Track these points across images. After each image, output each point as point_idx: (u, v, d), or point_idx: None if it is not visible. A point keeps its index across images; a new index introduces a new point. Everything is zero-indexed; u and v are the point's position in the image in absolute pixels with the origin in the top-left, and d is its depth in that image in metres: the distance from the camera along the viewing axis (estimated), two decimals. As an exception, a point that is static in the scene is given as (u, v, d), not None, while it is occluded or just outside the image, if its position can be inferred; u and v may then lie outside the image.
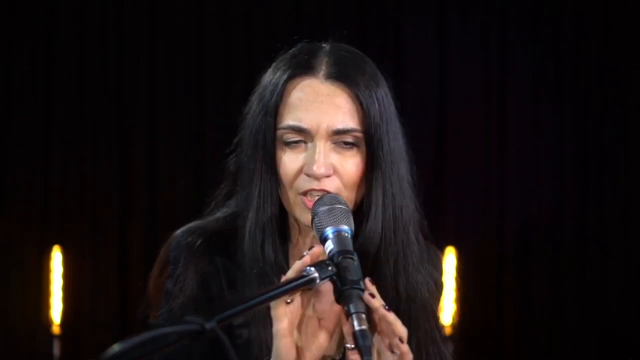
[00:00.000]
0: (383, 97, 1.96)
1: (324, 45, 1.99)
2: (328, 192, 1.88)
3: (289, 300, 1.73)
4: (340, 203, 1.82)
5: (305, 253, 1.73)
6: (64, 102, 5.46)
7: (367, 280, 1.71)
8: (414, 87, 5.54)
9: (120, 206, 5.49)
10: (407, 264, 1.96)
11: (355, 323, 1.61)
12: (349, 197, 1.90)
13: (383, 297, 1.73)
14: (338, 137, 1.89)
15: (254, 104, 1.97)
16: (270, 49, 2.02)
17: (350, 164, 1.90)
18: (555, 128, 5.55)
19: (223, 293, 1.91)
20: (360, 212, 1.92)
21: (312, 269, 1.68)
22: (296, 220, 1.93)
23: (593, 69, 5.58)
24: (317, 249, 1.74)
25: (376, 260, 1.92)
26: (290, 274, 1.72)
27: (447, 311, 5.42)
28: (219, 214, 2.03)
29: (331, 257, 1.71)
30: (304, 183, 1.88)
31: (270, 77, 1.95)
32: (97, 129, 5.47)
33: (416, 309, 1.96)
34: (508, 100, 5.58)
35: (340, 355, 1.96)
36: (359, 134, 1.90)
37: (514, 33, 5.59)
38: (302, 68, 1.92)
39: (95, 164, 5.47)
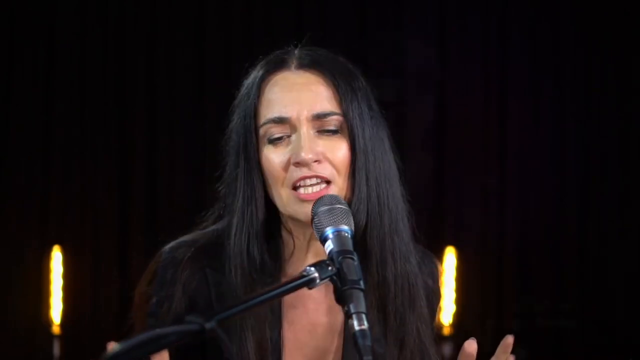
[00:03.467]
0: (359, 85, 1.97)
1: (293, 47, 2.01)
2: (322, 178, 1.88)
3: None
4: (340, 203, 1.82)
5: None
6: (64, 102, 5.47)
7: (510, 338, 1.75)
8: (413, 87, 5.56)
9: (121, 206, 5.49)
10: (394, 250, 1.95)
11: (356, 323, 1.61)
12: (342, 185, 1.90)
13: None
14: (320, 124, 1.89)
15: (234, 115, 1.99)
16: (270, 49, 2.03)
17: (338, 148, 1.90)
18: (556, 128, 5.55)
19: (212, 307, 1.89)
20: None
21: (312, 268, 1.67)
22: (292, 219, 1.92)
23: (593, 68, 5.58)
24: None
25: (362, 245, 1.92)
26: None
27: (447, 311, 5.42)
28: (211, 227, 2.02)
29: (331, 257, 1.71)
30: (294, 173, 1.88)
31: (244, 88, 1.97)
32: (97, 129, 5.47)
33: (403, 300, 1.96)
34: (508, 100, 5.58)
35: None
36: (340, 118, 1.91)
37: (514, 33, 5.60)
38: (274, 64, 1.94)
39: (96, 164, 5.48)
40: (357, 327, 1.60)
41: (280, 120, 1.89)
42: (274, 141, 1.90)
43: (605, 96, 5.56)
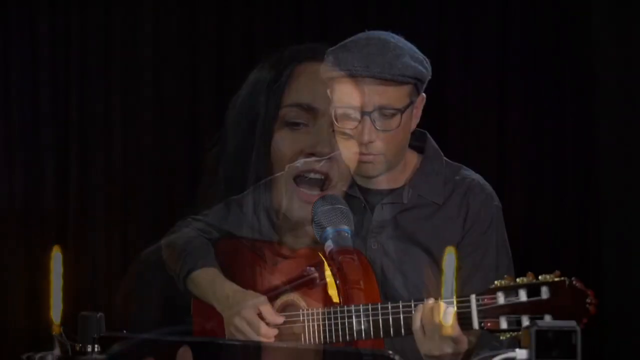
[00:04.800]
0: None
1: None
2: (325, 175, 1.89)
3: None
4: (340, 203, 1.83)
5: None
6: (64, 102, 5.46)
7: None
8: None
9: (121, 206, 5.49)
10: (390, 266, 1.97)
11: (355, 322, 1.61)
12: (342, 186, 1.91)
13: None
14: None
15: (249, 86, 1.98)
16: (270, 49, 2.03)
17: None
18: (556, 128, 5.54)
19: (189, 311, 1.90)
20: None
21: (313, 268, 1.68)
22: (284, 215, 1.93)
23: (594, 68, 5.58)
24: None
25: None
26: None
27: (447, 311, 5.40)
28: (192, 226, 2.04)
29: (331, 257, 1.71)
30: (303, 163, 1.89)
31: (271, 67, 1.97)
32: (98, 129, 5.47)
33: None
34: (508, 100, 5.57)
35: None
36: (359, 125, 1.92)
37: (514, 33, 5.59)
38: (310, 55, 1.95)
39: (96, 163, 5.47)
40: (356, 327, 1.60)
41: (309, 108, 1.91)
42: (291, 125, 1.91)
43: (605, 96, 5.55)
